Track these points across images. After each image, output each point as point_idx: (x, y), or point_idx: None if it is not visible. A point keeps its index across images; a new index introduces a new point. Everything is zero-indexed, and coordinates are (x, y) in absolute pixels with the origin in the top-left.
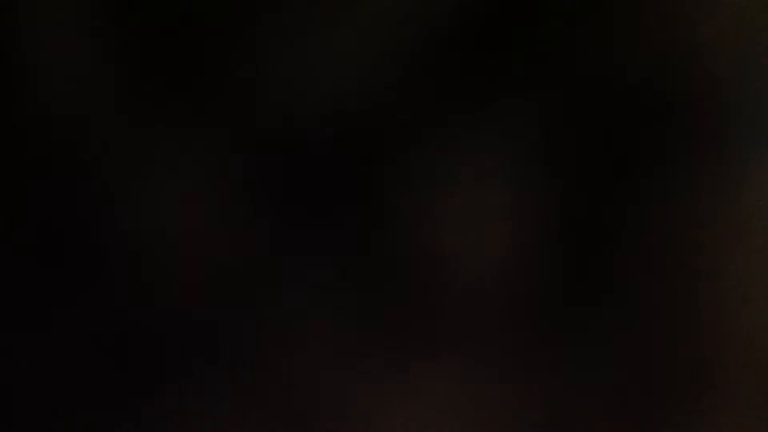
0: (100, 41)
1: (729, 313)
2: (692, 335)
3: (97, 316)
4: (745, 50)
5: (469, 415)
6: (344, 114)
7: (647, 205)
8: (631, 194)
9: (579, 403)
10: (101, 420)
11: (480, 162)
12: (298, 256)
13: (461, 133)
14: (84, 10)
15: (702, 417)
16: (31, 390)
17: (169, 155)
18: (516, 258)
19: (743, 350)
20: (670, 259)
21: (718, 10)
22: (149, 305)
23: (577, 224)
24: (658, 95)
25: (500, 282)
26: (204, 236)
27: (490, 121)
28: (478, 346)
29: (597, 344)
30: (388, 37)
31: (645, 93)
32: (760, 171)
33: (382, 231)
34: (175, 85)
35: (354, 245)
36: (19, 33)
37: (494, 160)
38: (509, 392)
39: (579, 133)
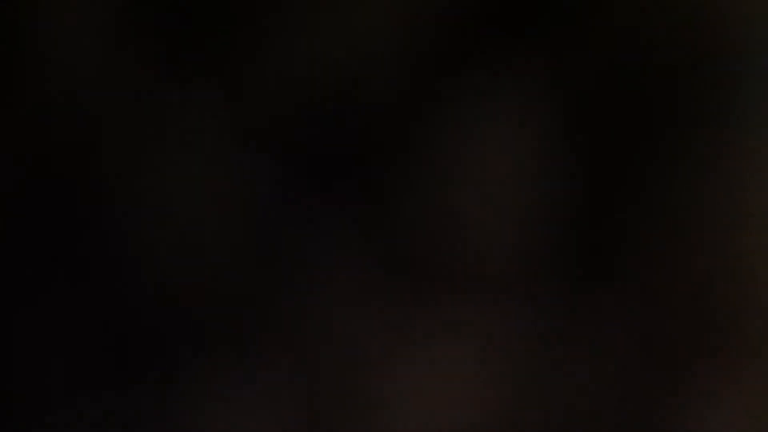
0: (112, 17)
1: (744, 276)
2: (710, 300)
3: (116, 279)
4: (751, 15)
5: (490, 359)
6: (364, 76)
7: (663, 166)
8: (645, 157)
9: (593, 362)
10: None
11: (498, 124)
12: (322, 208)
13: (481, 94)
14: None
15: (715, 372)
16: (38, 379)
17: (184, 117)
18: (533, 211)
19: (760, 313)
20: (686, 221)
21: None
22: (170, 263)
23: (592, 184)
24: (669, 58)
25: (518, 245)
26: (230, 189)
27: (506, 84)
28: (495, 304)
29: (617, 295)
30: (401, 6)
31: (657, 54)
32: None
33: (405, 186)
34: (184, 61)
35: (378, 199)
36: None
37: (511, 121)
38: (528, 336)
39: (593, 97)
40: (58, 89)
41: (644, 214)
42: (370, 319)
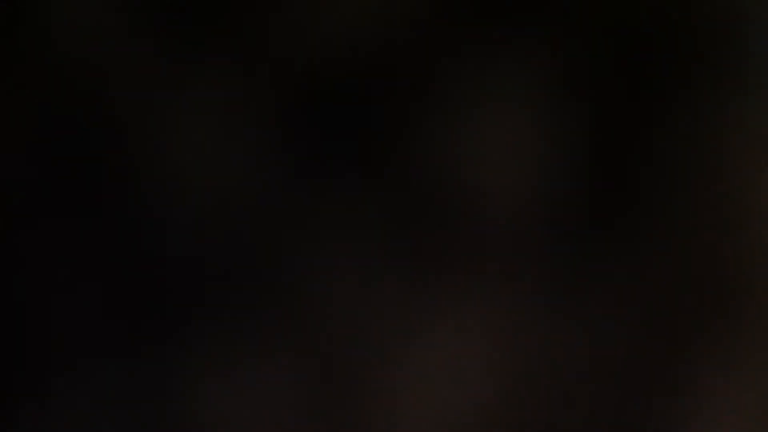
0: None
1: (757, 237)
2: (719, 257)
3: (131, 236)
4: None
5: (495, 337)
6: (373, 44)
7: (673, 130)
8: (656, 121)
9: (606, 331)
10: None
11: (507, 91)
12: (324, 182)
13: (488, 61)
14: None
15: (726, 335)
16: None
17: (201, 86)
18: (542, 184)
19: (760, 301)
20: (697, 183)
21: None
22: (178, 234)
23: (602, 149)
24: (679, 19)
25: (528, 213)
26: (232, 162)
27: (515, 50)
28: (506, 274)
29: (625, 273)
30: None
31: (666, 17)
32: None
33: (411, 164)
34: (199, 22)
35: (381, 172)
36: None
37: (520, 87)
38: (536, 316)
39: (603, 61)
40: (64, 73)
41: (647, 194)
42: (373, 301)
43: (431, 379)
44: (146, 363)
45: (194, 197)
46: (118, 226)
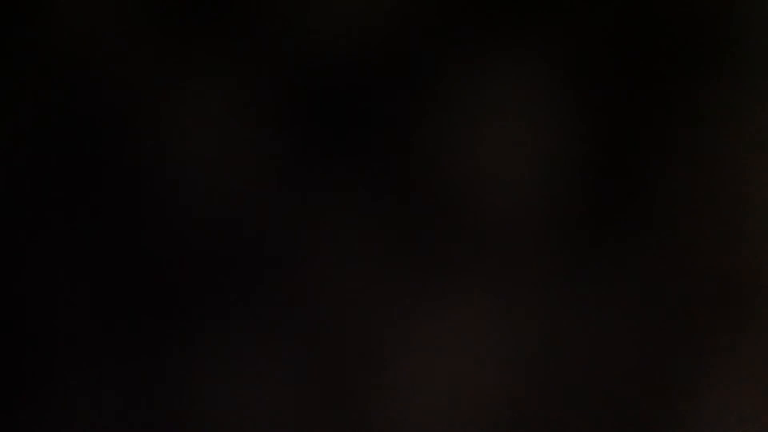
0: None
1: (759, 234)
2: (720, 258)
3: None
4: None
5: (498, 337)
6: (375, 45)
7: (675, 129)
8: (659, 119)
9: (606, 326)
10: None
11: (508, 91)
12: (327, 182)
13: (490, 62)
14: None
15: (729, 335)
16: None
17: (202, 83)
18: (545, 186)
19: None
20: (698, 182)
21: None
22: (179, 230)
23: (605, 149)
24: (680, 18)
25: (529, 208)
26: (235, 163)
27: (516, 50)
28: (507, 268)
29: (626, 267)
30: None
31: (666, 17)
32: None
33: (412, 158)
34: (199, 21)
35: (384, 172)
36: None
37: (521, 87)
38: (539, 315)
39: (603, 60)
40: (64, 73)
41: (648, 192)
42: (375, 299)
43: (432, 376)
44: (146, 363)
45: (194, 197)
46: (119, 226)
